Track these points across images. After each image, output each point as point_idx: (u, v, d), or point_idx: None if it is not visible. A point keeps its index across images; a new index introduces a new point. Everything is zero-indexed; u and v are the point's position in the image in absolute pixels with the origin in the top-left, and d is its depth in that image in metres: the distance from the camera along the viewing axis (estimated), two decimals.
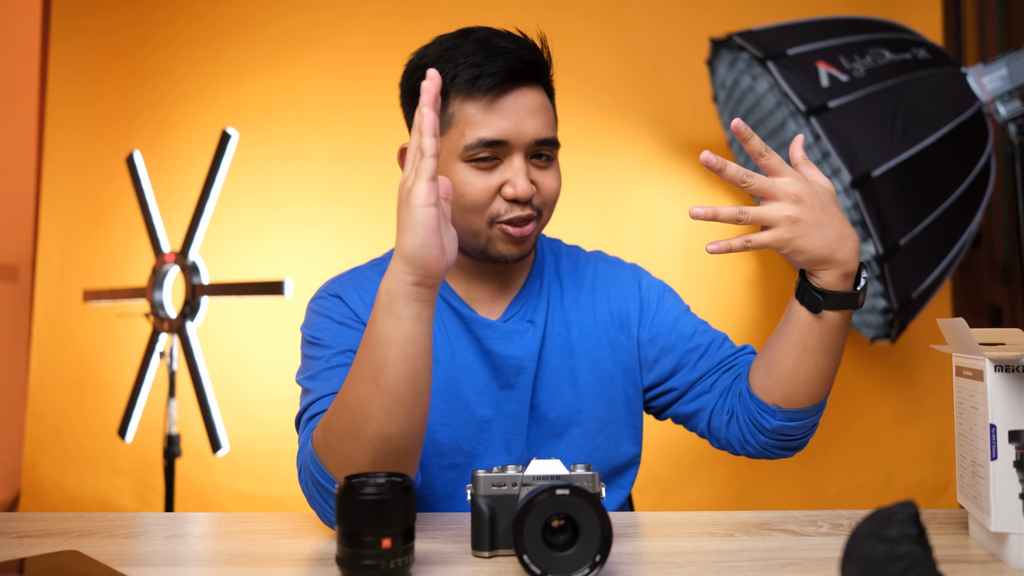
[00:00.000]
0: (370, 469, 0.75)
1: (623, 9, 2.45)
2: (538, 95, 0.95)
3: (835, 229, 0.81)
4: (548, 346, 0.99)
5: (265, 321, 2.44)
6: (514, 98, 0.92)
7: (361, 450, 0.74)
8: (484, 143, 0.90)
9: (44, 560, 0.69)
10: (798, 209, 0.80)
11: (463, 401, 0.96)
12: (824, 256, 0.82)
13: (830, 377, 0.90)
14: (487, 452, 0.97)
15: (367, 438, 0.74)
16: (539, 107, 0.94)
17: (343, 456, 0.75)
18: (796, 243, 0.81)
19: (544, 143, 0.94)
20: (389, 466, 0.75)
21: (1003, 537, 0.68)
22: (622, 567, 0.68)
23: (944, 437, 2.30)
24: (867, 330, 2.14)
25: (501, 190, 0.91)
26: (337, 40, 2.53)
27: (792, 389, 0.89)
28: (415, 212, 0.70)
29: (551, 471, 0.70)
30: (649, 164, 2.42)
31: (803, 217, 0.80)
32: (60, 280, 2.77)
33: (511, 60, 0.91)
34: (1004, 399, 0.67)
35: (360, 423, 0.74)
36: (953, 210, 1.80)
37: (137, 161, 2.42)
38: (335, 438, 0.76)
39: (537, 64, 0.94)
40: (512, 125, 0.90)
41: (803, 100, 1.73)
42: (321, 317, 0.95)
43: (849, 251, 0.82)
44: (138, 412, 2.38)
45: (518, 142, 0.91)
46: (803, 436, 0.95)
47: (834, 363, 0.89)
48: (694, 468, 2.32)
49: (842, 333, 0.87)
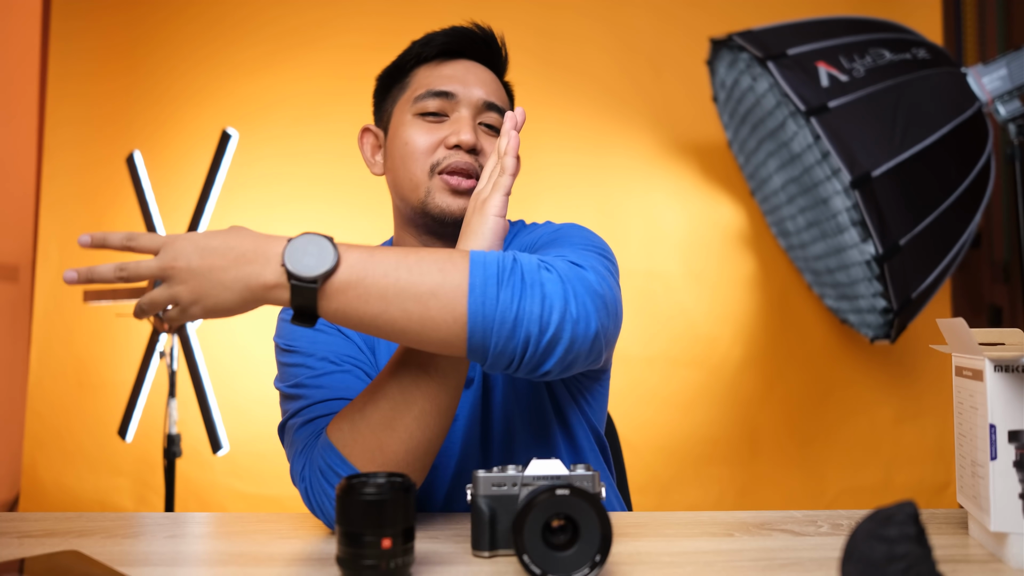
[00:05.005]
0: (402, 457, 0.76)
1: (623, 9, 2.45)
2: (489, 73, 1.00)
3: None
4: None
5: (265, 321, 2.43)
6: (463, 64, 0.98)
7: (398, 437, 0.75)
8: (432, 93, 0.95)
9: (44, 560, 0.69)
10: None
11: None
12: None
13: (420, 325, 0.69)
14: (455, 450, 0.95)
15: (405, 425, 0.75)
16: (489, 79, 0.99)
17: (376, 445, 0.76)
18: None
19: (492, 107, 0.97)
20: (420, 456, 0.77)
21: (1003, 537, 0.68)
22: (622, 567, 0.68)
23: (944, 437, 2.30)
24: (867, 330, 2.14)
25: (445, 140, 0.95)
26: (337, 40, 2.53)
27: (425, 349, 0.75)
28: (488, 220, 0.78)
29: (551, 471, 0.70)
30: (649, 164, 2.42)
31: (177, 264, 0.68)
32: (60, 280, 2.77)
33: (462, 30, 0.98)
34: (1004, 399, 0.67)
35: (401, 409, 0.75)
36: (953, 210, 1.80)
37: (137, 161, 2.42)
38: (368, 426, 0.76)
39: (489, 44, 1.00)
40: (459, 82, 0.96)
41: (803, 100, 1.73)
42: (294, 325, 0.95)
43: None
44: (138, 412, 2.38)
45: (465, 98, 0.95)
46: (520, 359, 0.71)
47: (402, 321, 0.69)
48: (694, 468, 2.32)
49: (349, 318, 0.70)
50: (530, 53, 2.41)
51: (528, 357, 0.70)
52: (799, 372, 2.36)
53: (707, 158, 2.42)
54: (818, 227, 2.11)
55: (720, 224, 2.41)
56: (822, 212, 2.05)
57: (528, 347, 0.69)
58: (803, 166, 2.05)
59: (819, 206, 2.06)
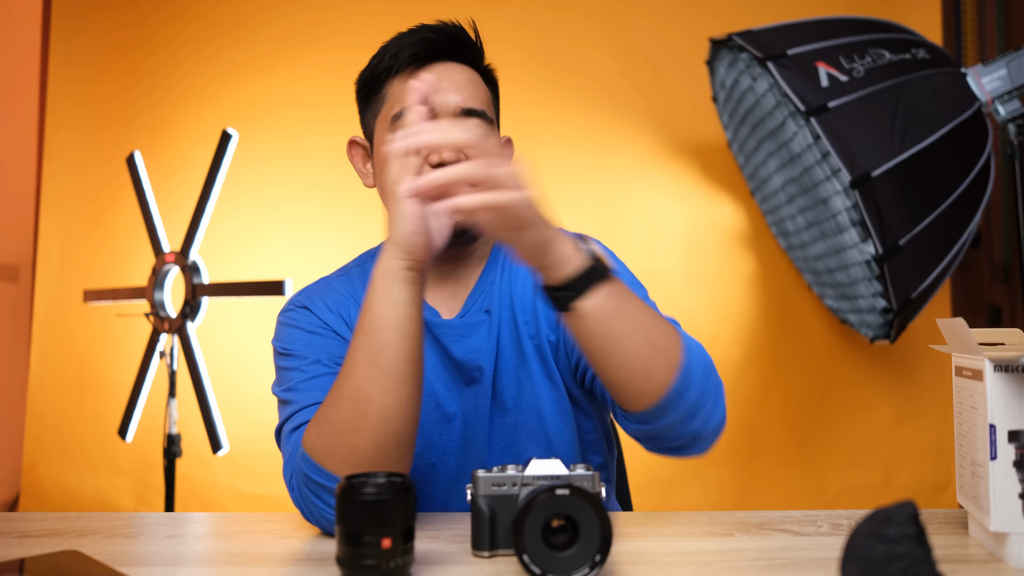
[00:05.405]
0: (372, 455, 0.75)
1: (623, 9, 2.45)
2: (464, 71, 0.97)
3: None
4: (502, 334, 0.98)
5: (265, 321, 2.43)
6: (436, 70, 0.95)
7: (364, 436, 0.75)
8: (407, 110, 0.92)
9: (44, 560, 0.69)
10: None
11: (434, 400, 0.97)
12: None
13: (645, 368, 0.77)
14: (455, 449, 0.96)
15: (369, 423, 0.75)
16: (466, 81, 0.96)
17: (344, 447, 0.76)
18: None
19: (472, 114, 0.94)
20: (392, 451, 0.76)
21: (1002, 537, 0.68)
22: (622, 567, 0.68)
23: (944, 437, 2.30)
24: (867, 330, 2.14)
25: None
26: (337, 40, 2.53)
27: (621, 393, 0.80)
28: (402, 203, 0.75)
29: (551, 471, 0.70)
30: (649, 164, 2.42)
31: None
32: (60, 280, 2.77)
33: (429, 33, 0.95)
34: (1004, 399, 0.67)
35: (361, 409, 0.75)
36: (952, 210, 1.80)
37: (137, 161, 2.42)
38: (333, 430, 0.76)
39: (460, 40, 0.97)
40: (434, 92, 0.91)
41: (803, 100, 1.73)
42: (291, 328, 0.96)
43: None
44: (138, 412, 2.38)
45: (443, 110, 0.93)
46: (679, 436, 0.81)
47: (635, 353, 0.76)
48: (694, 468, 2.32)
49: (610, 316, 0.76)
50: (530, 53, 2.41)
51: (683, 441, 0.82)
52: (799, 372, 2.36)
53: (707, 158, 2.42)
54: (818, 227, 2.12)
55: (720, 224, 2.41)
56: (822, 212, 2.05)
57: (690, 436, 0.81)
58: (803, 166, 2.05)
59: (819, 206, 2.06)
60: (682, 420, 0.79)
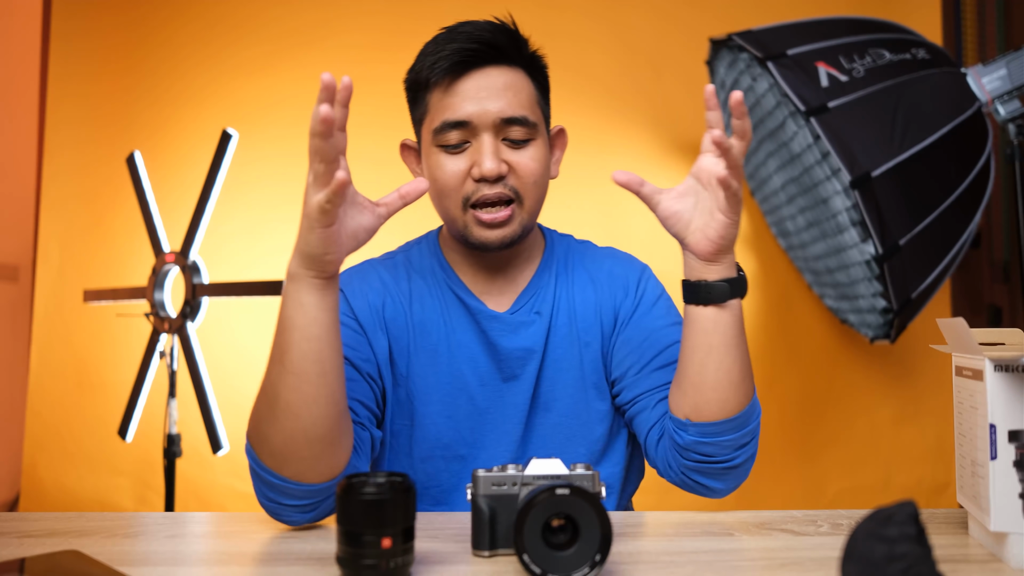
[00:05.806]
0: (283, 448, 0.78)
1: (623, 9, 2.45)
2: (504, 74, 0.93)
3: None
4: (553, 337, 1.00)
5: (265, 321, 2.44)
6: (474, 79, 0.92)
7: (274, 429, 0.78)
8: (448, 125, 0.91)
9: (44, 560, 0.69)
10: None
11: (467, 393, 0.97)
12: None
13: (739, 381, 0.85)
14: (487, 443, 0.97)
15: (276, 417, 0.77)
16: (505, 86, 0.93)
17: (261, 437, 0.79)
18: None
19: (513, 122, 0.92)
20: (302, 447, 0.77)
21: (1003, 537, 0.68)
22: (622, 567, 0.68)
23: (944, 437, 2.30)
24: (867, 330, 2.14)
25: (471, 172, 0.92)
26: (337, 40, 2.53)
27: (700, 398, 0.84)
28: (308, 210, 0.74)
29: (551, 471, 0.70)
30: (649, 164, 2.42)
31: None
32: (60, 280, 2.77)
33: (465, 42, 0.91)
34: (1004, 399, 0.67)
35: (270, 403, 0.78)
36: (952, 210, 1.80)
37: (137, 161, 2.42)
38: (256, 420, 0.80)
39: (497, 43, 0.93)
40: (473, 105, 0.91)
41: (803, 100, 1.73)
42: None
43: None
44: (138, 412, 2.38)
45: (482, 122, 0.91)
46: (725, 460, 0.87)
47: (739, 363, 0.85)
48: None
49: (741, 324, 0.85)
50: None
51: (725, 467, 0.88)
52: (799, 372, 2.36)
53: None
54: (818, 227, 2.11)
55: None
56: (822, 212, 2.05)
57: (732, 463, 0.88)
58: (803, 166, 2.05)
59: (819, 206, 2.06)
60: (736, 443, 0.86)
